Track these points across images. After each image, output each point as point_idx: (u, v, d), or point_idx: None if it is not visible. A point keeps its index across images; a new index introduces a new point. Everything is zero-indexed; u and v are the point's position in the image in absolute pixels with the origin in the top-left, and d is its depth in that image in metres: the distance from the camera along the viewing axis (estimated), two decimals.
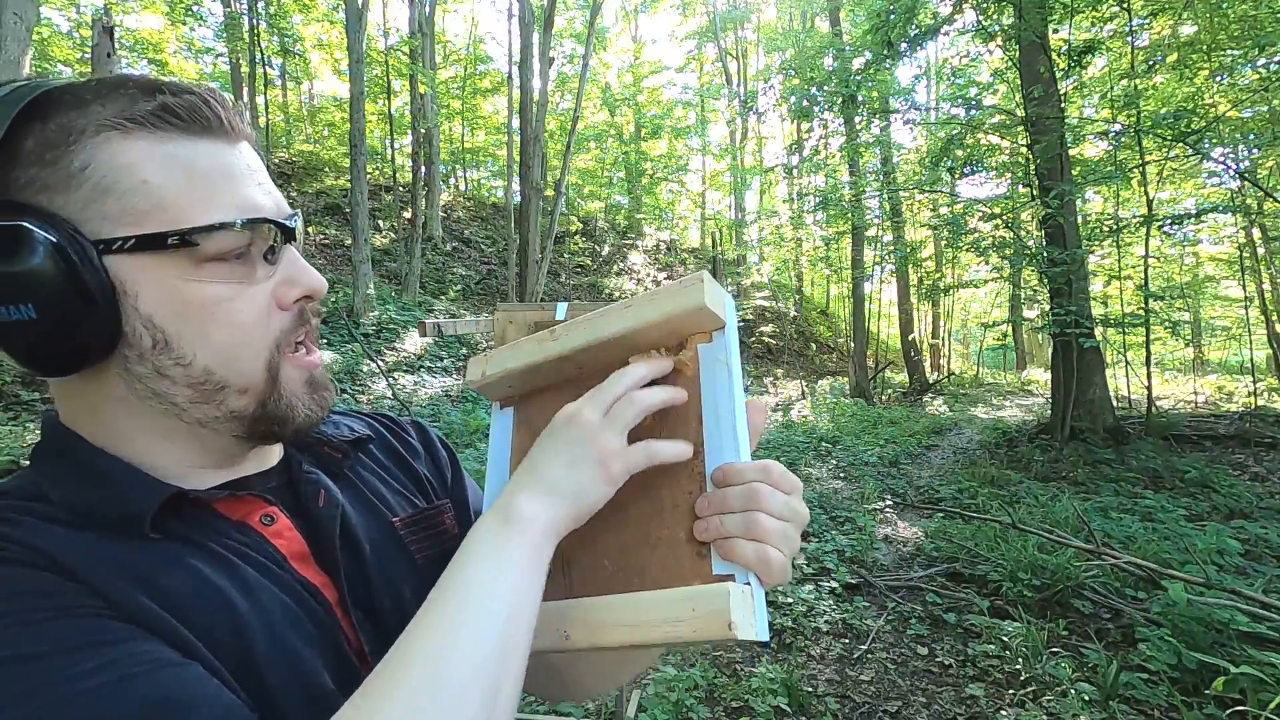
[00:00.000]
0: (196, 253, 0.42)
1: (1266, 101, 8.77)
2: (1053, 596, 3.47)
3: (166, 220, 0.42)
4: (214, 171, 0.44)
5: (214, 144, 0.45)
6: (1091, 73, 10.30)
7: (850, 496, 5.90)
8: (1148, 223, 7.50)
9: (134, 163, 0.42)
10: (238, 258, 0.44)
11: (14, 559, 0.39)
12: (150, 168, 0.42)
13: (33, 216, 0.40)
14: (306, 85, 21.70)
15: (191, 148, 0.43)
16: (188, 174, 0.43)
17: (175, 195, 0.42)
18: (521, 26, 12.24)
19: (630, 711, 2.53)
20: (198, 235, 0.42)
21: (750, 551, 0.44)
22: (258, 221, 0.44)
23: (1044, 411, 9.90)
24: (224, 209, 0.43)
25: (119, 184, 0.41)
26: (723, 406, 0.50)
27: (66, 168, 0.41)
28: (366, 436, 0.63)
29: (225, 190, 0.44)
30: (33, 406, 5.74)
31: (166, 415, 0.46)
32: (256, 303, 0.45)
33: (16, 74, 5.03)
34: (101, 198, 0.41)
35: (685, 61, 25.45)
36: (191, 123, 0.43)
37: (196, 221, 0.42)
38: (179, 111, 0.43)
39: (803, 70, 13.32)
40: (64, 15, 14.91)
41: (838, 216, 14.91)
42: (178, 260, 0.42)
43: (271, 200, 0.46)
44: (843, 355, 19.79)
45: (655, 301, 0.52)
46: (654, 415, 0.53)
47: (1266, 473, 6.04)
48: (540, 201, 13.02)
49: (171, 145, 0.43)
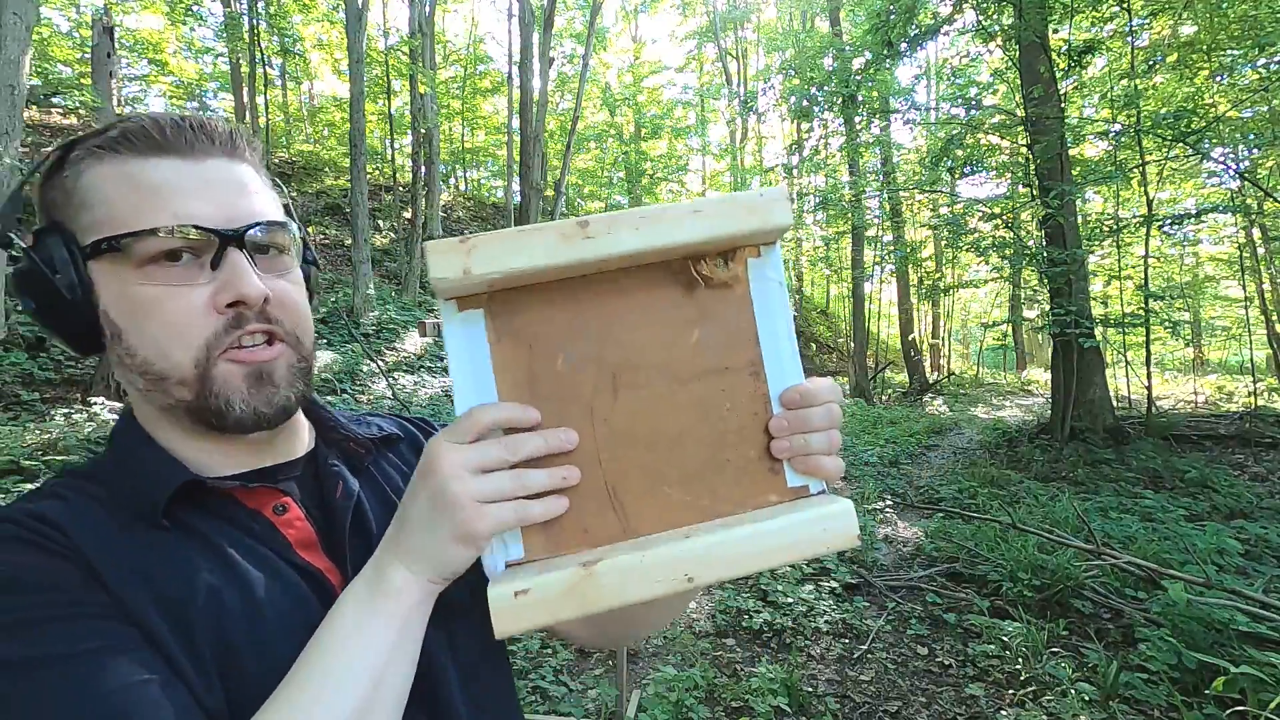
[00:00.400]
0: (132, 256, 0.47)
1: (1266, 101, 8.76)
2: (1053, 596, 3.47)
3: (114, 228, 0.47)
4: (159, 185, 0.48)
5: (167, 160, 0.49)
6: (1091, 73, 10.30)
7: (850, 496, 5.90)
8: (1148, 223, 7.50)
9: (100, 181, 0.48)
10: (180, 262, 0.48)
11: (48, 548, 0.45)
12: (108, 185, 0.48)
13: (42, 231, 0.49)
14: (306, 85, 21.69)
15: (142, 165, 0.48)
16: (134, 188, 0.48)
17: (121, 207, 0.47)
18: (521, 26, 12.24)
19: (630, 711, 2.53)
20: (126, 240, 0.47)
21: (833, 465, 0.50)
22: (183, 228, 0.47)
23: (1044, 411, 9.90)
24: (159, 217, 0.47)
25: (89, 199, 0.48)
26: (780, 326, 0.49)
27: (68, 190, 0.49)
28: (395, 436, 0.68)
29: (164, 201, 0.48)
30: (32, 406, 5.74)
31: (158, 407, 0.52)
32: (190, 304, 0.48)
33: (16, 74, 5.02)
34: (82, 212, 0.49)
35: (685, 61, 25.46)
36: (146, 144, 0.49)
37: (131, 228, 0.47)
38: (134, 135, 0.49)
39: (803, 70, 13.32)
40: (64, 15, 14.90)
41: (838, 216, 14.92)
42: (122, 263, 0.48)
43: (219, 210, 0.49)
44: (843, 355, 19.79)
45: (733, 212, 0.46)
46: (711, 336, 0.49)
47: (1266, 473, 6.04)
48: (540, 201, 13.02)
49: (128, 165, 0.48)
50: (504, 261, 0.44)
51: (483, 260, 0.44)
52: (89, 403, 5.79)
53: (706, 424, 0.49)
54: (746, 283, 0.48)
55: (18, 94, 5.04)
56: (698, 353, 0.49)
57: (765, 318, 0.49)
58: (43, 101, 10.45)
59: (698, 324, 0.49)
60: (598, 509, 0.48)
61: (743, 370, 0.49)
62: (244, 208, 0.51)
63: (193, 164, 0.50)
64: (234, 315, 0.49)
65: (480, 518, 0.43)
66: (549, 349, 0.48)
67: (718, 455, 0.49)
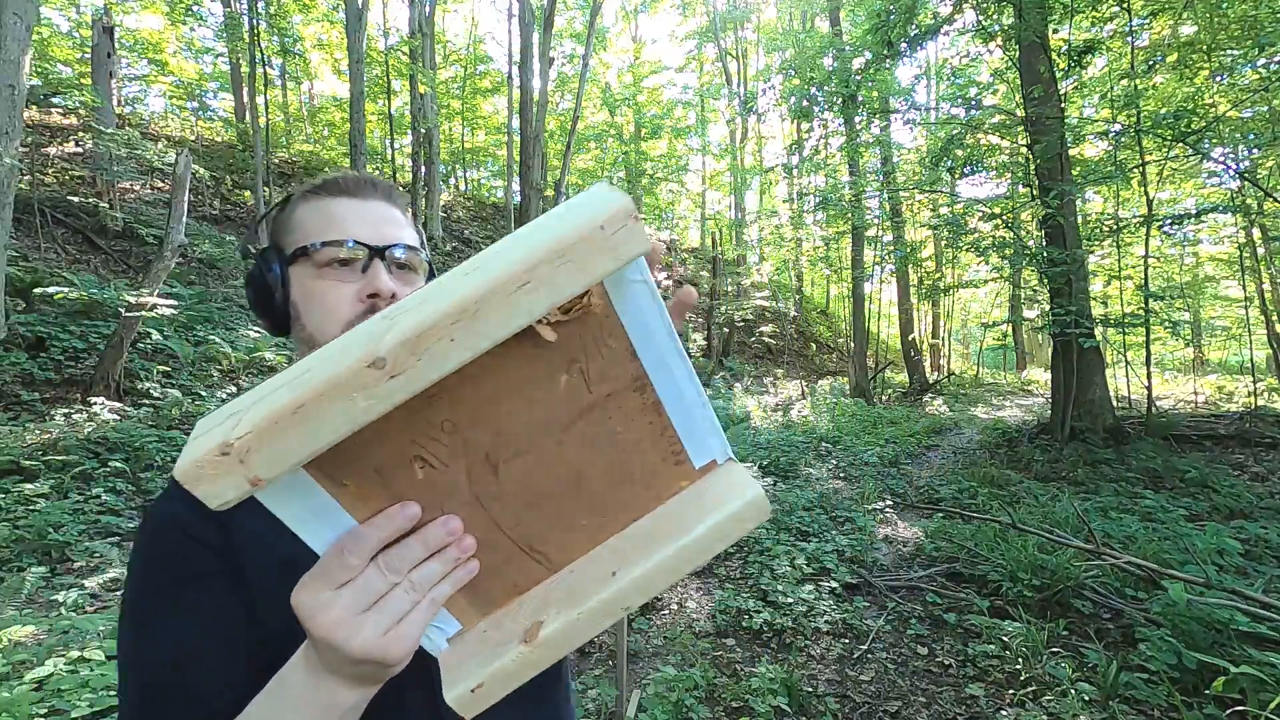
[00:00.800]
0: (315, 260, 0.66)
1: (1266, 101, 8.76)
2: (1053, 596, 3.47)
3: (303, 241, 0.67)
4: (338, 215, 0.68)
5: (346, 200, 0.70)
6: (1091, 73, 10.30)
7: (850, 496, 5.90)
8: (1148, 223, 7.50)
9: (303, 214, 0.70)
10: (345, 267, 0.66)
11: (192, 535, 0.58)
12: (308, 215, 0.69)
13: (264, 248, 0.70)
14: (306, 85, 21.69)
15: (330, 202, 0.69)
16: (322, 216, 0.68)
17: (313, 228, 0.68)
18: (521, 26, 12.24)
19: (630, 711, 2.53)
20: (312, 248, 0.66)
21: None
22: (339, 243, 0.66)
23: (1044, 411, 9.91)
24: (334, 235, 0.67)
25: (295, 225, 0.70)
26: (656, 328, 0.43)
27: (284, 221, 0.71)
28: None
29: (340, 225, 0.67)
30: (32, 406, 5.74)
31: None
32: (343, 294, 0.66)
33: (16, 74, 5.02)
34: (290, 234, 0.70)
35: (685, 61, 25.45)
36: (335, 189, 0.70)
37: (314, 242, 0.67)
38: (329, 184, 0.71)
39: (803, 70, 13.31)
40: (64, 15, 14.91)
41: (838, 216, 14.91)
42: (308, 265, 0.67)
43: (375, 233, 0.68)
44: (843, 355, 19.79)
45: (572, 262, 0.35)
46: (582, 374, 0.43)
47: (1266, 473, 6.04)
48: (540, 201, 13.02)
49: (322, 202, 0.69)
50: (296, 453, 0.34)
51: (267, 463, 0.34)
52: (89, 403, 5.79)
53: (602, 454, 0.46)
54: (607, 301, 0.41)
55: (18, 94, 5.04)
56: (571, 395, 0.43)
57: (637, 328, 0.42)
58: (43, 101, 10.43)
59: (563, 368, 0.42)
60: (519, 565, 0.47)
61: (627, 389, 0.44)
62: (390, 234, 0.69)
63: (361, 203, 0.70)
64: (370, 304, 0.65)
65: (394, 645, 0.41)
66: (400, 467, 0.41)
67: (622, 472, 0.47)
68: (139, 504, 4.95)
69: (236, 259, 10.55)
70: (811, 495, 5.72)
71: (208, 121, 16.86)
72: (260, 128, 12.32)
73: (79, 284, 6.98)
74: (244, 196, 12.80)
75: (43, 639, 2.84)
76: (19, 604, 3.34)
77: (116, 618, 0.51)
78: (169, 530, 0.58)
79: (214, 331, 7.87)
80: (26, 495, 4.51)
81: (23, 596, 3.40)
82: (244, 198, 12.78)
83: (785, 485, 6.24)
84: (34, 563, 3.85)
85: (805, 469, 7.09)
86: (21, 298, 6.81)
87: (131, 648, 0.55)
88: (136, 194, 10.95)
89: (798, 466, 7.14)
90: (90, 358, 6.48)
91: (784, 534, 4.70)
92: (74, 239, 9.03)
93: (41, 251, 8.37)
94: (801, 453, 7.78)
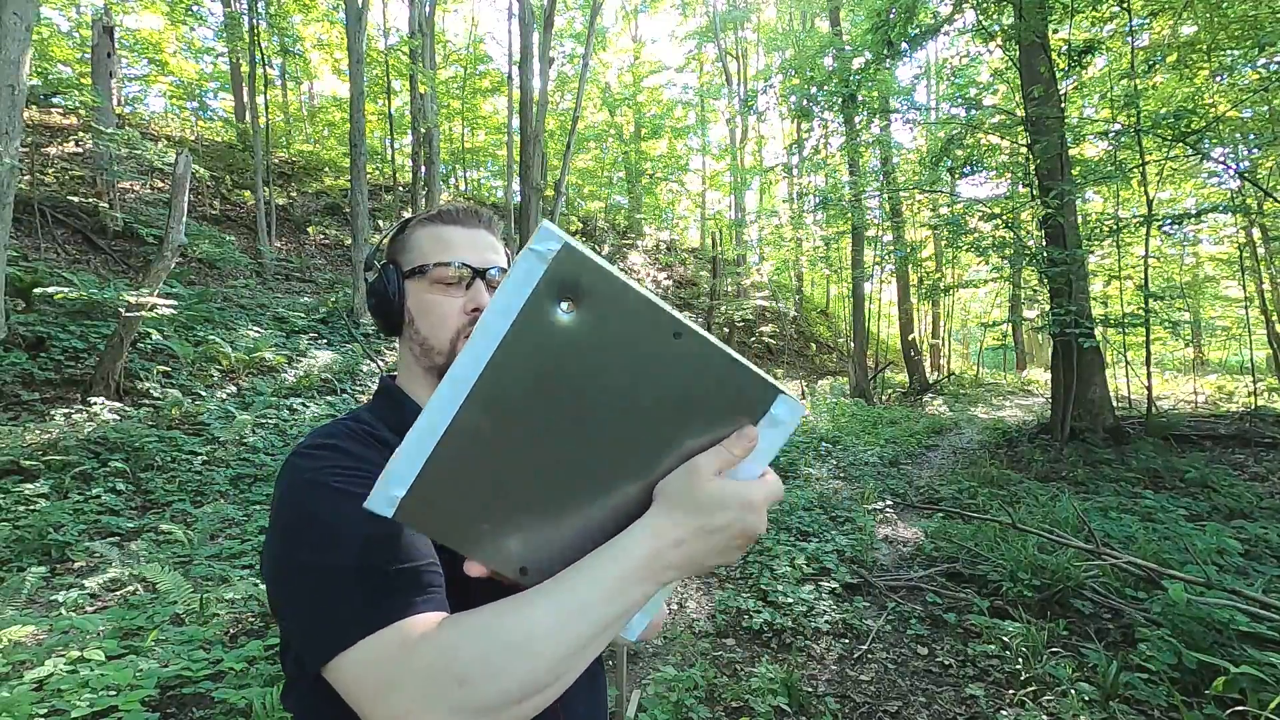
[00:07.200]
0: (428, 277, 0.79)
1: (1266, 101, 8.76)
2: (1053, 596, 3.46)
3: (422, 261, 0.80)
4: (449, 240, 0.81)
5: (456, 227, 0.82)
6: (1091, 73, 10.30)
7: (850, 496, 5.90)
8: (1148, 223, 7.50)
9: (420, 237, 0.82)
10: (452, 283, 0.79)
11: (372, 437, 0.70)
12: (424, 239, 0.81)
13: (385, 264, 0.83)
14: (306, 85, 21.69)
15: (443, 228, 0.82)
16: (436, 240, 0.81)
17: (428, 250, 0.80)
18: (521, 26, 12.23)
19: (630, 711, 2.53)
20: (428, 267, 0.79)
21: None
22: (449, 264, 0.79)
23: (1044, 411, 9.91)
24: (446, 258, 0.79)
25: (412, 246, 0.82)
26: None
27: (403, 242, 0.83)
28: None
29: (451, 249, 0.80)
30: (32, 406, 5.74)
31: (423, 368, 0.81)
32: (452, 308, 0.78)
33: (16, 74, 5.02)
34: (408, 254, 0.82)
35: (685, 61, 25.44)
36: (447, 218, 0.83)
37: (429, 262, 0.79)
38: (443, 213, 0.84)
39: (803, 70, 13.32)
40: (64, 15, 14.90)
41: (838, 216, 14.91)
42: (422, 281, 0.79)
43: (479, 257, 0.81)
44: (843, 355, 19.79)
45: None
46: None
47: (1266, 473, 6.04)
48: (540, 201, 13.01)
49: (436, 228, 0.82)
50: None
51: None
52: (89, 403, 5.80)
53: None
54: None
55: (18, 94, 5.04)
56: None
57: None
58: (43, 101, 10.44)
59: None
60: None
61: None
62: (490, 258, 0.82)
63: (468, 230, 0.83)
64: (473, 316, 0.78)
65: (762, 511, 0.52)
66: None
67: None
68: (139, 504, 4.95)
69: (236, 259, 10.55)
70: (811, 495, 5.72)
71: (208, 121, 16.85)
72: (260, 128, 12.31)
73: (79, 284, 6.98)
74: (244, 196, 12.79)
75: (43, 639, 2.84)
76: (19, 604, 3.34)
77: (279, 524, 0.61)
78: (356, 426, 0.71)
79: (214, 331, 7.87)
80: (26, 495, 4.51)
81: (23, 596, 3.39)
82: (244, 198, 12.77)
83: (785, 485, 6.22)
84: (34, 563, 3.85)
85: (805, 469, 7.09)
86: (21, 298, 6.81)
87: (335, 511, 0.58)
88: (136, 194, 10.95)
89: (798, 466, 7.14)
90: (90, 358, 6.48)
91: (784, 534, 4.70)
92: (74, 239, 9.03)
93: (41, 251, 8.37)
94: (801, 453, 7.78)
